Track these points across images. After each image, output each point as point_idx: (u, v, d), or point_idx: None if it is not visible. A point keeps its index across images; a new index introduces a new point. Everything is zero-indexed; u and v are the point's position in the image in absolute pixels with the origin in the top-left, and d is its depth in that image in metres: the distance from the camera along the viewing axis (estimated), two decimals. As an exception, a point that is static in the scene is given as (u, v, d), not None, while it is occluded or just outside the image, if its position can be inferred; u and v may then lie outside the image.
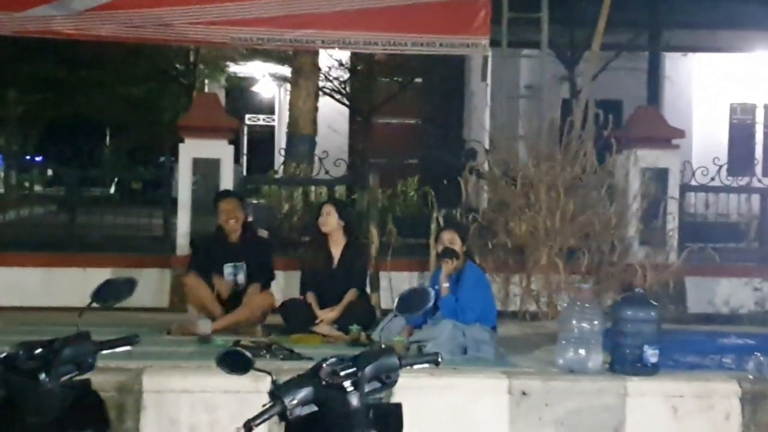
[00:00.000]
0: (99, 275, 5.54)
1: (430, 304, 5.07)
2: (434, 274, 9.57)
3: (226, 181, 11.26)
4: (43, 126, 31.51)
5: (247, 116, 26.46)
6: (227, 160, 11.34)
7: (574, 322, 8.41)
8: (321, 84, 20.47)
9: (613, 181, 11.43)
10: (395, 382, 4.48)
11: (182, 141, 11.38)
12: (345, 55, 20.21)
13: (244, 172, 24.20)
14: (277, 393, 4.25)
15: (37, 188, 25.32)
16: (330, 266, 9.78)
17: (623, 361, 8.26)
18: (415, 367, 4.73)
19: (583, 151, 11.01)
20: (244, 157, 25.38)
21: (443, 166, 13.92)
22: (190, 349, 8.64)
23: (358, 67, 20.46)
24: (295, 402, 4.20)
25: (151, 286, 11.16)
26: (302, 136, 15.19)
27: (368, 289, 10.52)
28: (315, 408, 4.27)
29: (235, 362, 4.44)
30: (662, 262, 11.19)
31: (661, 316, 8.75)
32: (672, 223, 11.76)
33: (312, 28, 11.93)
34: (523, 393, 8.01)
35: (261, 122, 26.42)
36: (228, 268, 9.56)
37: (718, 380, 8.26)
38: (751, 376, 8.25)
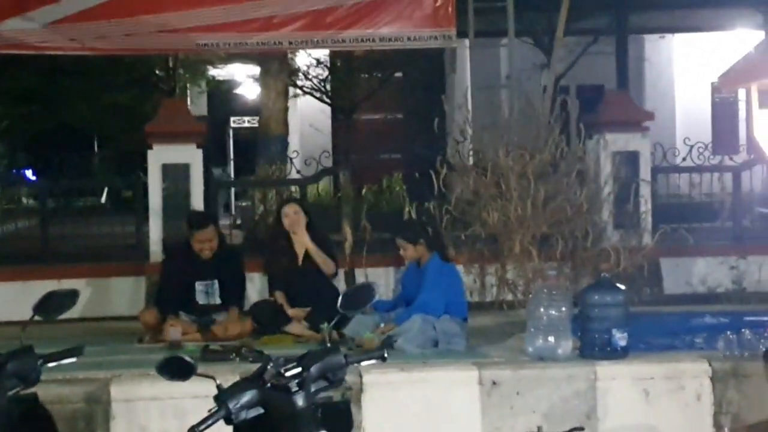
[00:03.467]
0: (74, 286, 5.58)
1: (374, 299, 5.11)
2: (406, 270, 9.64)
3: (197, 186, 11.28)
4: (29, 138, 31.52)
5: (232, 119, 26.48)
6: (197, 165, 11.35)
7: (541, 309, 8.45)
8: (300, 83, 20.49)
9: (584, 166, 11.45)
10: (342, 380, 4.51)
11: (150, 148, 11.38)
12: (323, 53, 20.19)
13: (232, 175, 24.22)
14: (221, 397, 4.29)
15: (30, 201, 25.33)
16: (296, 265, 9.79)
17: (592, 346, 8.29)
18: (363, 363, 4.77)
19: (552, 138, 11.03)
20: (231, 160, 25.43)
21: (424, 160, 13.93)
22: (161, 356, 8.61)
23: (338, 64, 20.44)
24: (239, 406, 4.23)
25: (126, 294, 11.18)
26: (274, 136, 15.21)
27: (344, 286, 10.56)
28: (261, 410, 4.30)
29: (177, 368, 4.47)
30: (636, 244, 11.21)
31: (633, 299, 8.79)
32: (645, 206, 11.77)
33: (278, 30, 11.92)
34: (494, 383, 8.04)
35: (246, 124, 26.41)
36: (200, 286, 9.57)
37: (689, 361, 8.29)
38: (721, 355, 8.27)
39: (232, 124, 26.44)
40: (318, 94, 21.01)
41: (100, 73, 21.20)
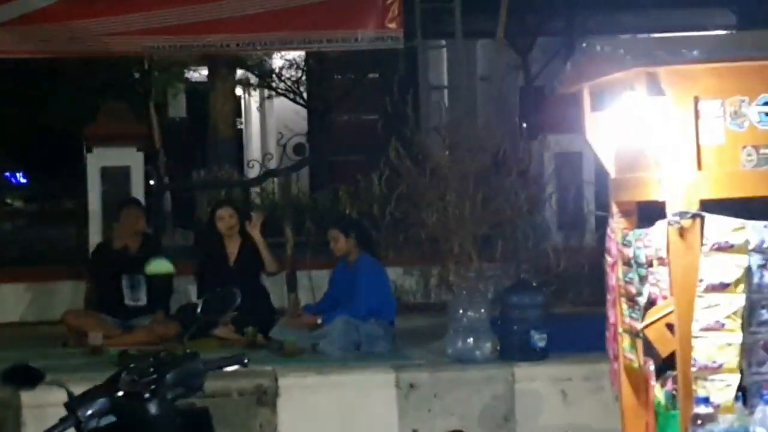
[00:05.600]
0: (13, 291, 5.58)
1: (236, 303, 5.08)
2: (335, 269, 9.62)
3: (137, 189, 11.28)
4: (15, 141, 31.45)
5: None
6: (137, 168, 11.35)
7: (461, 311, 8.43)
8: (274, 84, 20.46)
9: (526, 167, 11.38)
10: (201, 386, 4.48)
11: (90, 151, 11.38)
12: (295, 54, 20.14)
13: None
14: (71, 405, 4.26)
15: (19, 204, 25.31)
16: (226, 266, 9.77)
17: (511, 348, 8.27)
18: (225, 369, 4.74)
19: (494, 139, 10.97)
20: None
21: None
22: (81, 362, 8.64)
23: (311, 65, 20.39)
24: (89, 414, 4.20)
25: (66, 298, 11.16)
26: (222, 138, 15.21)
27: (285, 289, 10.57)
28: (113, 419, 4.27)
29: (26, 377, 4.45)
30: (578, 245, 11.17)
31: (575, 299, 8.75)
32: (587, 207, 11.72)
33: (225, 32, 11.89)
34: (411, 385, 8.02)
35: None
36: (126, 281, 9.57)
37: (607, 361, 8.23)
38: (642, 355, 8.22)
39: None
40: (295, 97, 20.95)
41: (78, 75, 21.12)
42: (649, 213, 4.61)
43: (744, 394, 4.16)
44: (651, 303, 4.44)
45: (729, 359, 4.11)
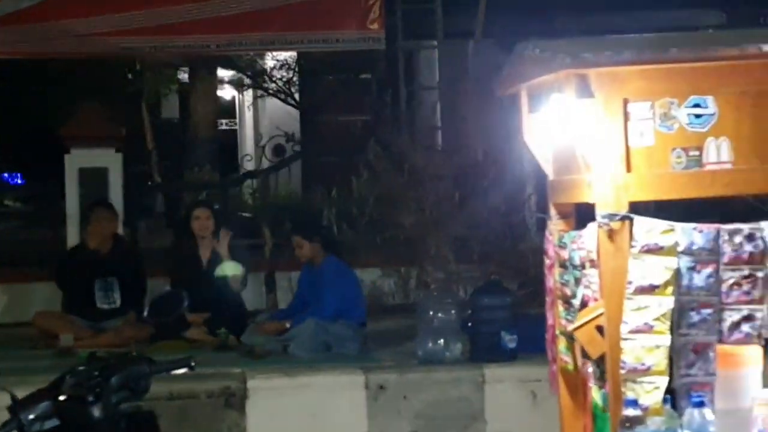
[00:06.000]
0: None
1: (185, 306, 5.08)
2: (302, 272, 9.61)
3: (115, 190, 11.27)
4: (11, 142, 31.47)
5: (210, 120, 26.38)
6: (115, 169, 11.34)
7: (431, 312, 8.41)
8: (265, 85, 20.42)
9: (506, 167, 11.36)
10: (147, 389, 4.48)
11: (68, 152, 11.37)
12: (287, 55, 20.10)
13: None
14: (14, 408, 4.25)
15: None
16: (199, 268, 9.76)
17: (481, 349, 8.25)
18: (172, 372, 4.74)
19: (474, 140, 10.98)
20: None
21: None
22: (48, 363, 8.61)
23: (303, 65, 20.33)
24: (31, 417, 4.19)
25: (43, 300, 11.15)
26: (203, 139, 15.19)
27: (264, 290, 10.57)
28: (57, 422, 4.27)
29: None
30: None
31: (517, 301, 8.72)
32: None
33: (205, 33, 11.88)
34: (381, 387, 8.00)
35: (224, 127, 26.38)
36: (98, 284, 9.56)
37: (576, 363, 8.23)
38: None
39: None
40: (288, 99, 20.89)
41: (71, 77, 21.14)
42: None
43: (673, 396, 4.15)
44: (584, 305, 4.44)
45: (657, 361, 4.10)
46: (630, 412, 4.03)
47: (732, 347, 4.24)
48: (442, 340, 8.33)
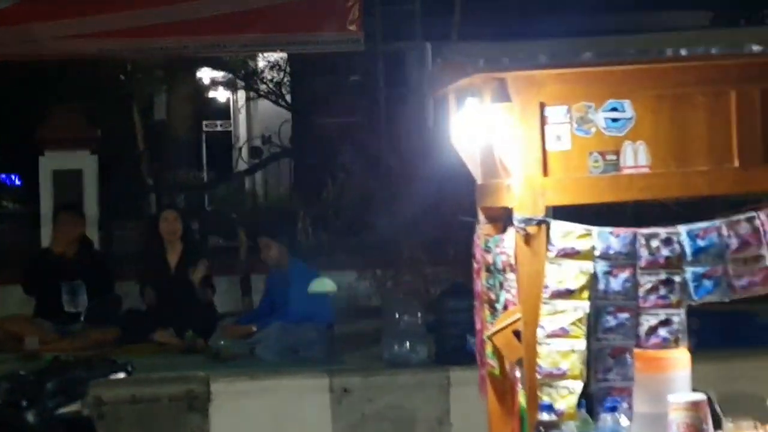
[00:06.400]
0: None
1: (121, 310, 5.08)
2: (269, 276, 9.62)
3: (90, 192, 11.27)
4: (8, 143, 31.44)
5: (204, 122, 26.33)
6: (90, 171, 11.34)
7: (396, 315, 8.40)
8: (256, 87, 20.36)
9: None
10: (85, 394, 4.50)
11: (42, 154, 11.38)
12: (278, 56, 20.06)
13: (205, 179, 24.18)
14: None
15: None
16: (167, 271, 9.77)
17: (447, 352, 8.24)
18: (111, 377, 4.76)
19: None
20: (204, 165, 25.30)
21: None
22: (12, 367, 8.60)
23: (293, 66, 20.28)
24: None
25: (16, 302, 11.15)
26: (181, 141, 15.19)
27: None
28: None
29: None
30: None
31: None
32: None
33: (183, 35, 11.87)
34: (345, 390, 7.99)
35: (219, 128, 26.32)
36: (65, 287, 9.55)
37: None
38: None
39: (204, 128, 26.32)
40: (281, 101, 20.83)
41: (64, 79, 21.11)
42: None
43: (589, 401, 4.14)
44: (506, 309, 4.43)
45: (572, 366, 4.08)
46: (545, 417, 4.02)
47: (656, 351, 4.24)
48: (407, 343, 8.31)
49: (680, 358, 4.48)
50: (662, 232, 4.16)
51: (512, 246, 4.28)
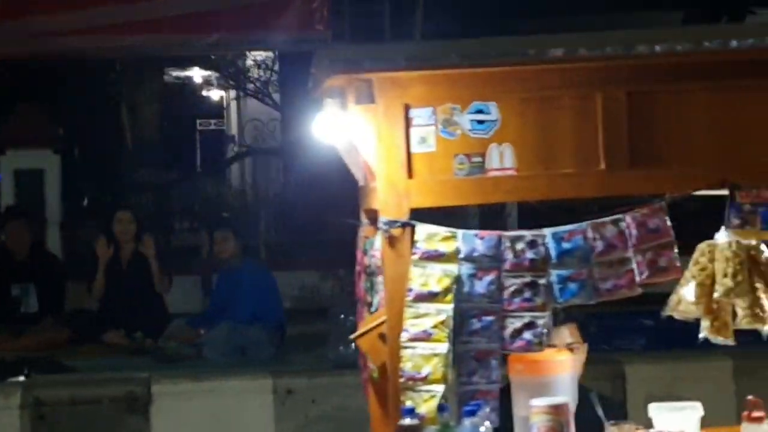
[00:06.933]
0: None
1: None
2: (219, 276, 9.61)
3: (53, 191, 11.27)
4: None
5: (198, 121, 26.37)
6: (53, 170, 11.34)
7: (342, 316, 8.38)
8: (243, 85, 20.36)
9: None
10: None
11: (3, 153, 11.39)
12: (265, 55, 20.04)
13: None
14: None
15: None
16: (119, 270, 9.76)
17: (394, 353, 8.19)
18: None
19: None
20: (198, 164, 25.32)
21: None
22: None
23: (281, 64, 20.25)
24: None
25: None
26: (147, 142, 15.18)
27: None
28: None
29: None
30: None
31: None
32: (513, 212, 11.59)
33: (149, 34, 11.82)
34: (289, 391, 8.00)
35: (212, 127, 26.34)
36: (15, 289, 9.59)
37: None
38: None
39: (198, 127, 26.37)
40: (268, 100, 20.81)
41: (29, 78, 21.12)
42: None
43: (453, 405, 4.11)
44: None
45: (435, 369, 4.05)
46: (407, 421, 3.99)
47: (537, 354, 4.21)
48: (353, 344, 8.28)
49: (561, 360, 4.47)
50: (528, 234, 4.12)
51: (380, 248, 4.25)
